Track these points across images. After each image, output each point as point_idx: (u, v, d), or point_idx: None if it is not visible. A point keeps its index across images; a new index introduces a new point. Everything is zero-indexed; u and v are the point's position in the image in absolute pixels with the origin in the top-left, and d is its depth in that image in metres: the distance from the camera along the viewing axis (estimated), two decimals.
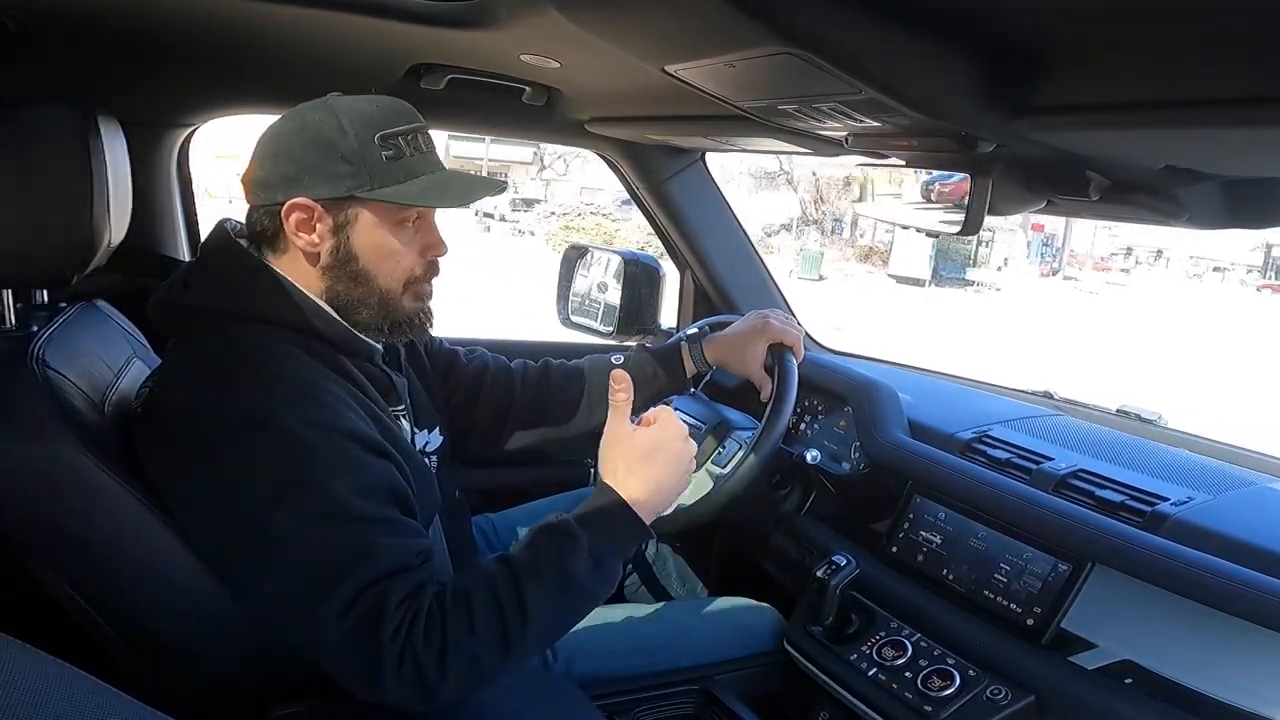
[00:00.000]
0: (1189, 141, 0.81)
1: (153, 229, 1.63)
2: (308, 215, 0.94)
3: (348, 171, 0.92)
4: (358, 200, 0.94)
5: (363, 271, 0.97)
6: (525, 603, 0.86)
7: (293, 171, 0.93)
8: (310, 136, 0.93)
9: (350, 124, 0.92)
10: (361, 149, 0.92)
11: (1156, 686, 1.00)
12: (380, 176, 0.93)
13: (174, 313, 0.97)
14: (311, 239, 0.95)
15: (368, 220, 0.96)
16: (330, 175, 0.92)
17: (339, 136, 0.92)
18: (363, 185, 0.93)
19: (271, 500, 0.84)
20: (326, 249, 0.96)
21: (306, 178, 0.93)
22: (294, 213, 0.93)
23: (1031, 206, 1.13)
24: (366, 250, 0.97)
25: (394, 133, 0.94)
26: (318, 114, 0.94)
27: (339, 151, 0.92)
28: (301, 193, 0.93)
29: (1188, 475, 1.24)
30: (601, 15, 0.92)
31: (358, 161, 0.92)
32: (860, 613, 1.26)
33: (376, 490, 0.89)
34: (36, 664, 0.43)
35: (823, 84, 0.84)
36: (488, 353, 1.39)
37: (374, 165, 0.93)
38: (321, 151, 0.92)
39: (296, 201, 0.93)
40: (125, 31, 1.22)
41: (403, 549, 0.87)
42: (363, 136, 0.92)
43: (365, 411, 0.95)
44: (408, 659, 0.82)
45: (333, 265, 0.97)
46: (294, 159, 0.93)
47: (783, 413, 1.30)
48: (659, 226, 1.99)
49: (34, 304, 1.08)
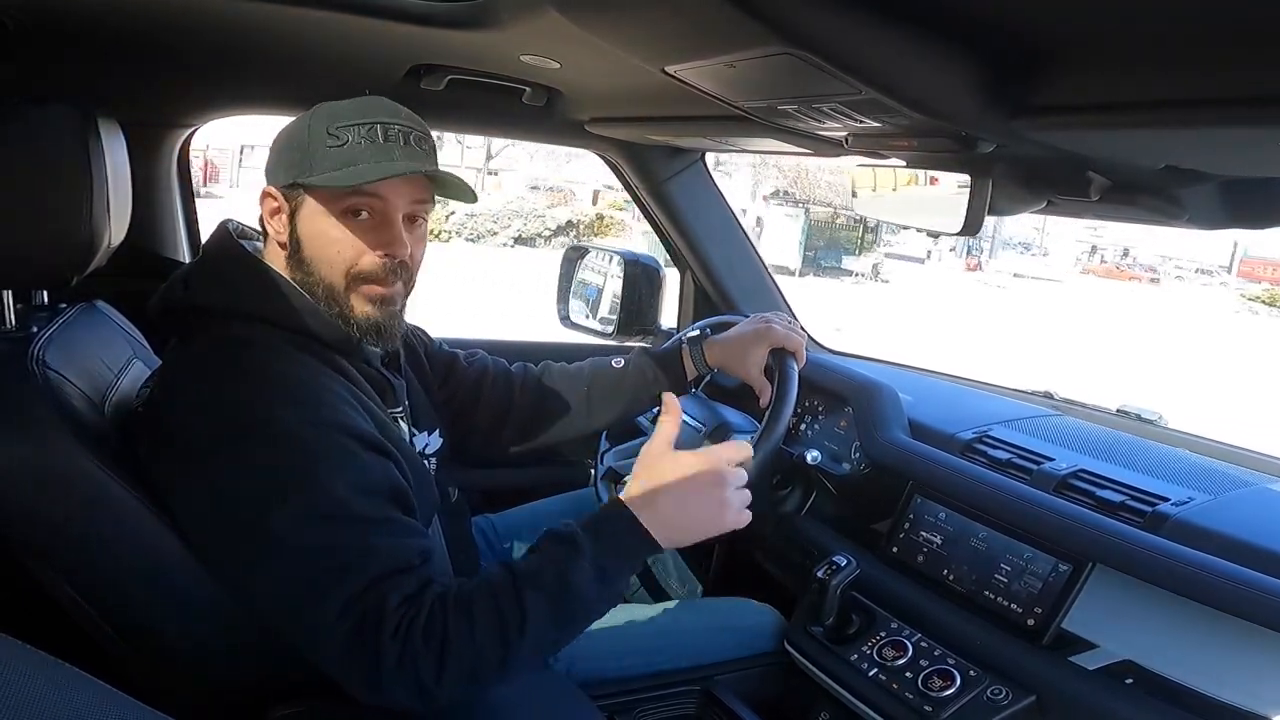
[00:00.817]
0: (1189, 141, 0.81)
1: (153, 230, 1.63)
2: (275, 204, 0.99)
3: (296, 160, 0.96)
4: (300, 186, 0.97)
5: (307, 258, 0.99)
6: (525, 610, 0.85)
7: (272, 164, 0.99)
8: (288, 133, 0.98)
9: (316, 119, 0.97)
10: (311, 139, 0.95)
11: (1157, 687, 0.99)
12: (319, 164, 0.95)
13: (174, 313, 0.97)
14: (276, 226, 1.00)
15: (311, 207, 0.97)
16: (287, 164, 0.97)
17: (303, 130, 0.97)
18: (304, 172, 0.95)
19: (272, 500, 0.84)
20: (286, 236, 0.99)
21: (276, 169, 0.99)
22: (264, 200, 1.00)
23: (1031, 207, 1.13)
24: (310, 237, 0.98)
25: (348, 124, 0.95)
26: (304, 115, 0.99)
27: (296, 142, 0.97)
28: (270, 182, 0.99)
29: (1188, 475, 1.24)
30: (601, 16, 0.92)
31: (305, 150, 0.96)
32: (861, 613, 1.26)
33: (377, 490, 0.89)
34: (36, 664, 0.43)
35: (823, 84, 0.84)
36: (487, 355, 1.39)
37: (316, 153, 0.95)
38: (287, 145, 0.98)
39: (265, 189, 1.00)
40: (125, 31, 1.22)
41: (403, 549, 0.87)
42: (316, 128, 0.96)
43: (365, 411, 0.95)
44: (406, 659, 0.82)
45: (290, 252, 1.00)
46: (276, 153, 0.99)
47: (781, 418, 1.30)
48: (659, 227, 2.00)
49: (34, 305, 1.08)
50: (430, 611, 0.84)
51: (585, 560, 0.88)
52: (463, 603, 0.85)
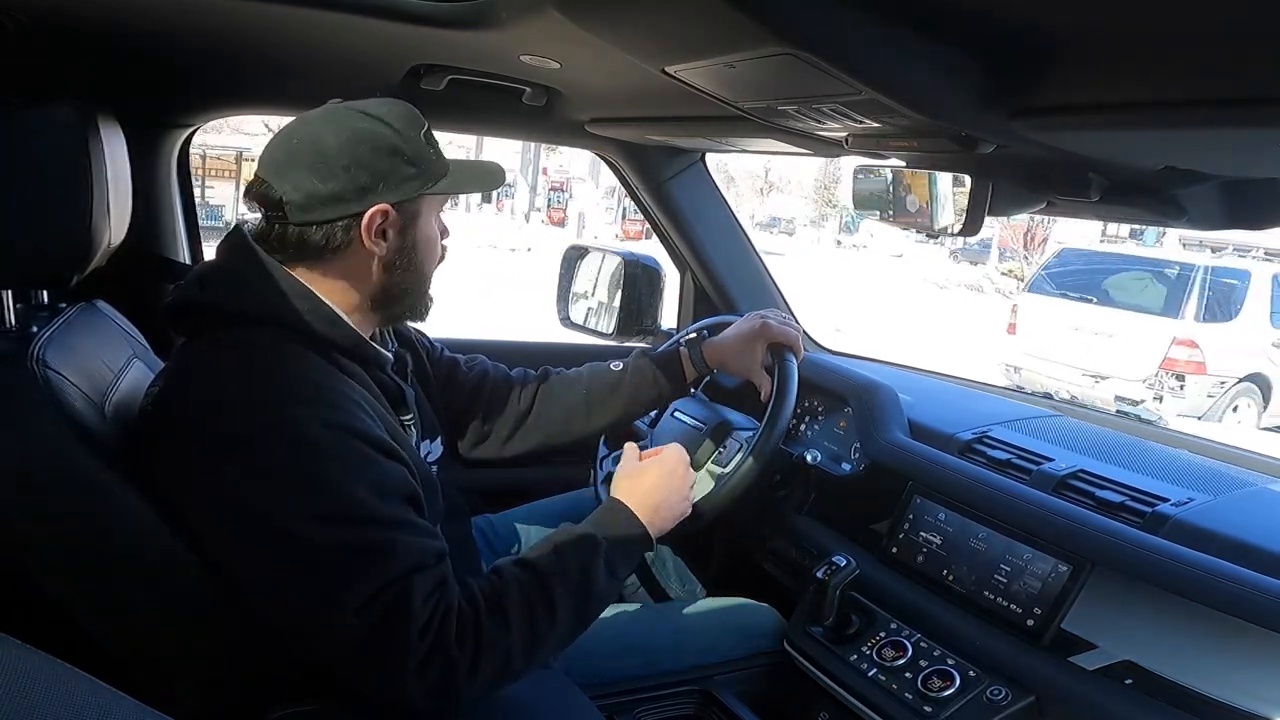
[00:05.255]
0: (1189, 142, 0.81)
1: (153, 230, 1.63)
2: (383, 219, 0.97)
3: (414, 173, 0.97)
4: (421, 197, 0.99)
5: (420, 261, 1.03)
6: (555, 604, 0.92)
7: (367, 181, 0.94)
8: (374, 145, 0.94)
9: (402, 127, 0.96)
10: (419, 150, 0.97)
11: (1157, 687, 1.00)
12: (435, 172, 0.99)
13: (190, 313, 0.97)
14: (385, 243, 0.98)
15: (426, 215, 1.02)
16: (402, 179, 0.96)
17: (399, 140, 0.96)
18: (427, 184, 0.98)
19: (285, 502, 0.84)
20: (395, 248, 1.00)
21: (381, 185, 0.95)
22: (375, 220, 0.96)
23: (1032, 207, 1.13)
24: (424, 243, 1.02)
25: (429, 130, 1.00)
26: (364, 122, 0.95)
27: (404, 155, 0.96)
28: (378, 199, 0.95)
29: (1188, 476, 1.24)
30: (601, 16, 0.92)
31: (420, 162, 0.97)
32: (860, 613, 1.26)
33: (393, 491, 0.90)
34: (36, 664, 0.43)
35: (823, 84, 0.84)
36: (487, 360, 1.39)
37: (429, 163, 0.99)
38: (389, 158, 0.95)
39: (379, 209, 0.95)
40: (125, 31, 1.22)
41: (421, 548, 0.87)
42: (415, 137, 0.97)
43: (378, 418, 0.95)
44: (437, 658, 0.83)
45: (398, 262, 1.00)
46: (366, 168, 0.94)
47: (783, 413, 1.31)
48: (659, 227, 1.99)
49: (34, 304, 1.08)
50: (461, 609, 0.86)
51: (601, 556, 0.97)
52: (494, 603, 0.89)
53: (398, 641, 0.82)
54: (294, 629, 0.87)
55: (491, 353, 1.43)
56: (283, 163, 0.94)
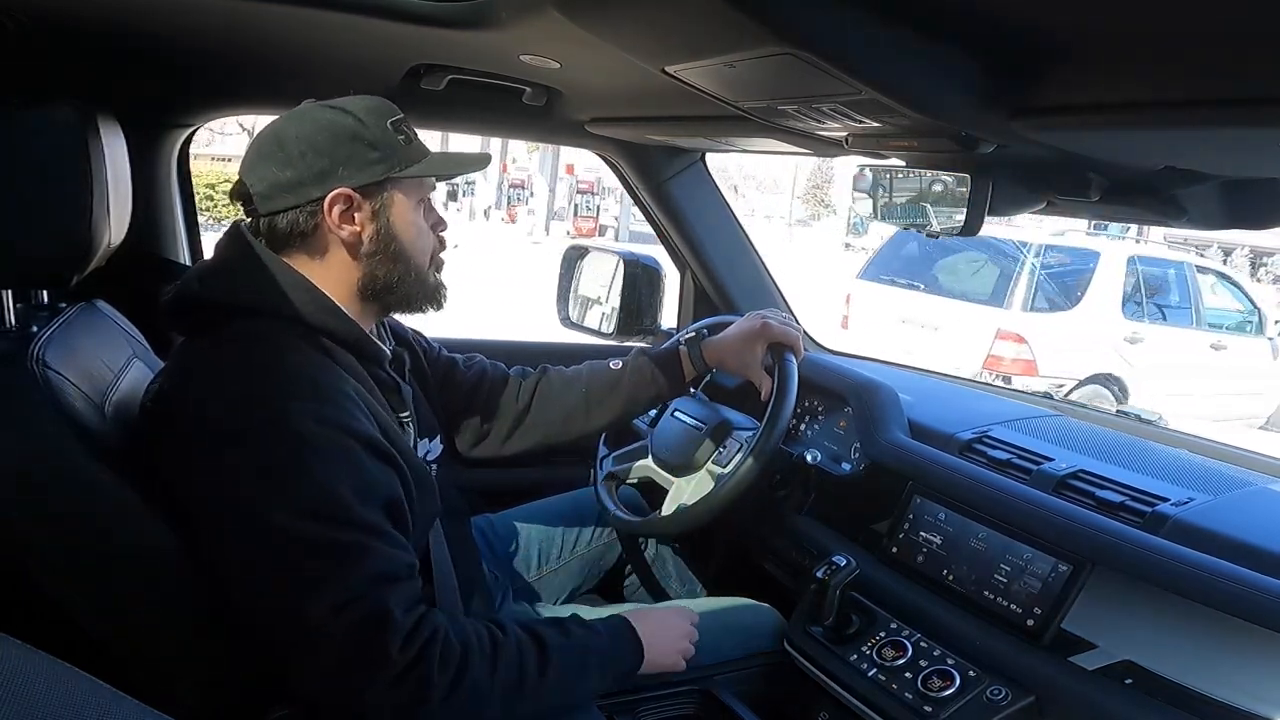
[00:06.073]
0: (1189, 142, 0.81)
1: (153, 229, 1.63)
2: (348, 205, 0.98)
3: (377, 157, 0.98)
4: (390, 183, 0.99)
5: (402, 250, 1.03)
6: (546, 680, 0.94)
7: (326, 166, 0.96)
8: (333, 132, 0.97)
9: (364, 115, 0.98)
10: (383, 136, 0.98)
11: (1157, 687, 0.99)
12: (404, 158, 0.99)
13: (190, 308, 0.97)
14: (354, 228, 0.99)
15: (400, 201, 1.02)
16: (363, 163, 0.97)
17: (360, 127, 0.97)
18: (394, 167, 0.98)
19: (271, 492, 0.84)
20: (368, 235, 1.00)
21: (341, 169, 0.96)
22: (335, 204, 0.97)
23: (1032, 206, 1.13)
24: (403, 230, 1.02)
25: (399, 120, 1.01)
26: (327, 113, 0.98)
27: (365, 140, 0.97)
28: (338, 184, 0.96)
29: (1188, 476, 1.24)
30: (601, 15, 0.92)
31: (383, 147, 0.98)
32: (860, 613, 1.26)
33: (374, 497, 0.90)
34: (36, 663, 0.43)
35: (823, 84, 0.84)
36: (485, 360, 1.39)
37: (396, 149, 0.99)
38: (349, 143, 0.97)
39: (339, 192, 0.97)
40: (125, 31, 1.22)
41: (394, 559, 0.88)
42: (380, 125, 0.98)
43: (373, 415, 0.96)
44: (413, 674, 0.83)
45: (375, 250, 1.01)
46: (324, 154, 0.96)
47: (783, 413, 1.31)
48: (659, 227, 1.99)
49: (34, 304, 1.08)
50: (447, 636, 0.86)
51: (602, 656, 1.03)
52: (488, 640, 0.91)
53: (376, 649, 0.82)
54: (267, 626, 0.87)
55: (490, 352, 1.43)
56: (253, 159, 0.98)
